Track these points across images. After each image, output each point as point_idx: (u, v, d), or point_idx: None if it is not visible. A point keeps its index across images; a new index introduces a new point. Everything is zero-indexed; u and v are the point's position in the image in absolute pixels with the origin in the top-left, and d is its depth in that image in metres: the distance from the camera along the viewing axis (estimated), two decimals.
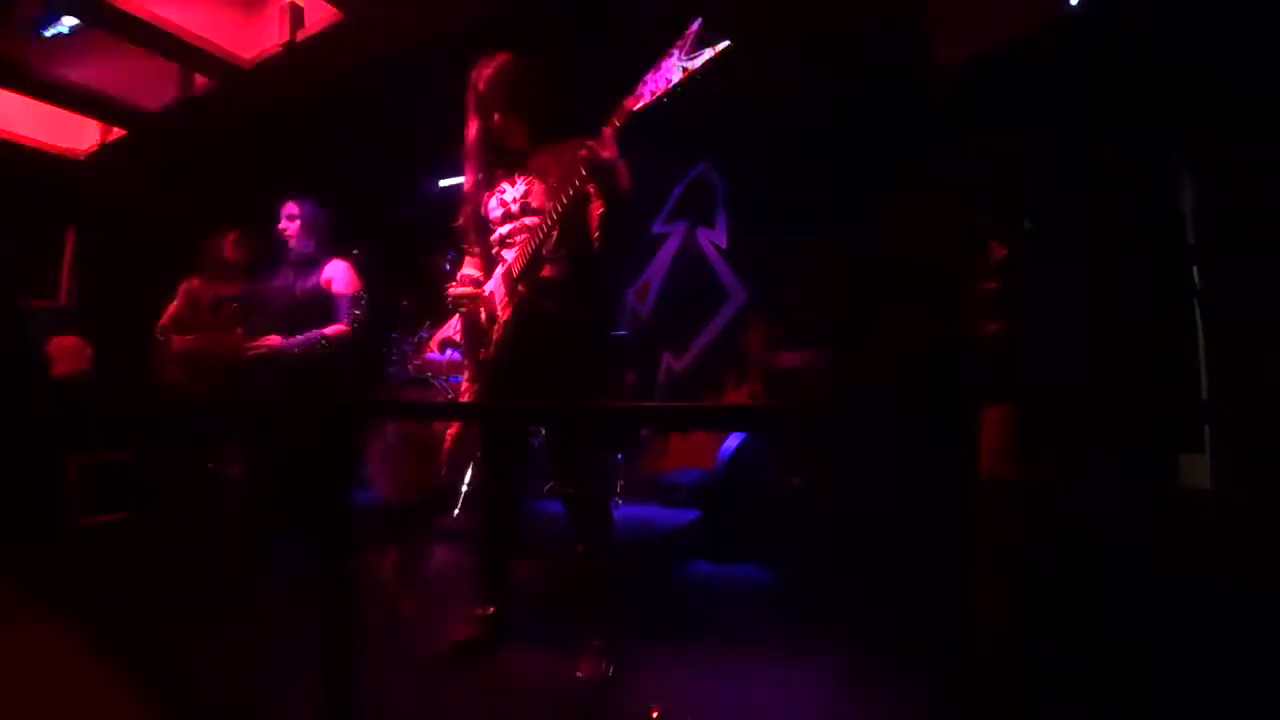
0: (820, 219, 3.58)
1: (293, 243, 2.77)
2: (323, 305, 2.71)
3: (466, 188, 2.01)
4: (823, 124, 3.46)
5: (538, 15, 2.95)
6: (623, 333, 4.09)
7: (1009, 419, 1.72)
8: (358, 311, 2.77)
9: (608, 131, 1.63)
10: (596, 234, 1.78)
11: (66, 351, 4.13)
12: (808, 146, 3.59)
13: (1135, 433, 1.69)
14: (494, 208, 1.94)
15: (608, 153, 1.63)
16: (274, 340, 2.64)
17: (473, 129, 1.94)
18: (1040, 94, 2.07)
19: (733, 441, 3.12)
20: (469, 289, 1.92)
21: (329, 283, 2.73)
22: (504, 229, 1.91)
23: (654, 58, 1.56)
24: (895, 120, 3.01)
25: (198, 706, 1.72)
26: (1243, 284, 1.75)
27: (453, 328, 2.09)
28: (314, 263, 2.75)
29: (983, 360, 1.89)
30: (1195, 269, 1.81)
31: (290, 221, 2.77)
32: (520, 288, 1.83)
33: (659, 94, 1.56)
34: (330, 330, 2.68)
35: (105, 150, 4.56)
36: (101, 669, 1.95)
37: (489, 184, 1.96)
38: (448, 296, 1.97)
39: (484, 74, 1.89)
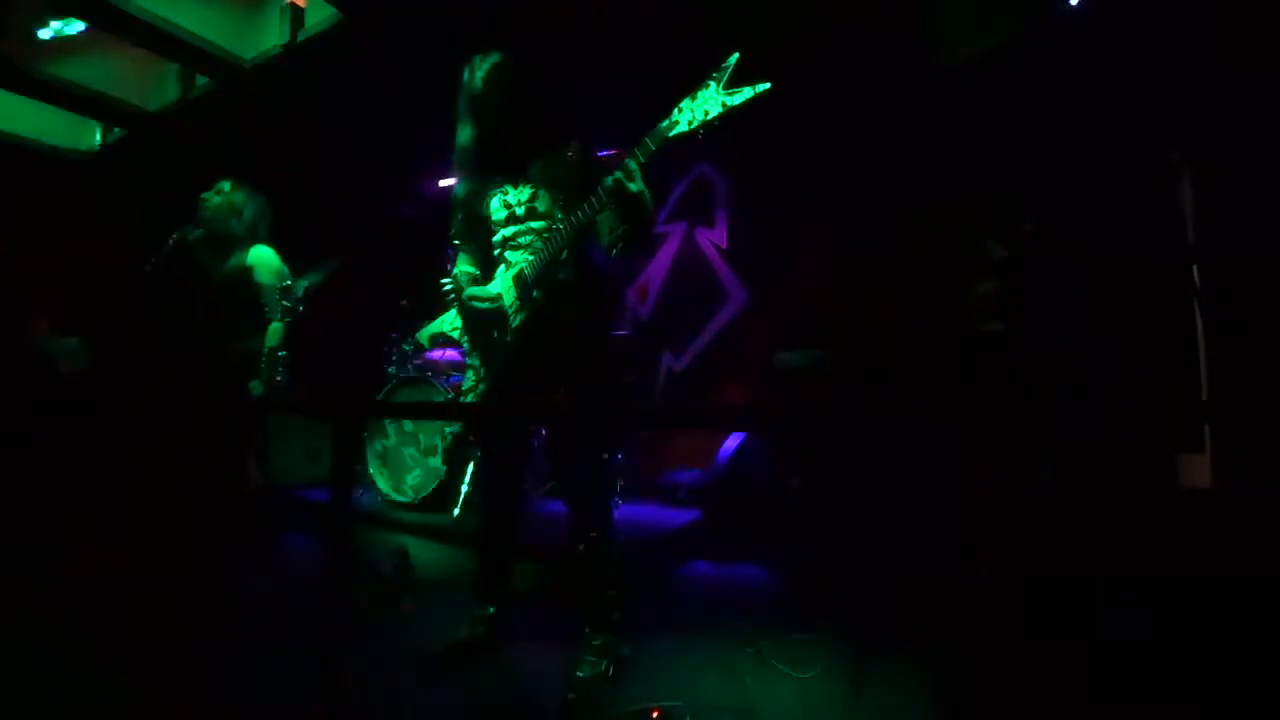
0: (820, 219, 3.58)
1: (213, 219, 2.52)
2: (243, 292, 2.46)
3: (458, 192, 2.00)
4: (823, 124, 3.46)
5: (537, 15, 2.94)
6: (623, 333, 4.08)
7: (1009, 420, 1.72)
8: (287, 303, 2.51)
9: (634, 165, 1.63)
10: (613, 245, 1.80)
11: (66, 351, 4.14)
12: (808, 147, 3.59)
13: (1135, 433, 1.69)
14: (496, 208, 1.93)
15: (636, 185, 1.64)
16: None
17: (466, 132, 1.93)
18: (1040, 94, 2.07)
19: (733, 441, 3.12)
20: (488, 296, 1.90)
21: (250, 270, 2.49)
22: (506, 231, 1.91)
23: (690, 86, 1.58)
24: (896, 120, 3.01)
25: (197, 706, 1.72)
26: (1243, 284, 1.75)
27: (448, 324, 2.08)
28: (233, 247, 2.52)
29: (983, 360, 1.89)
30: (1195, 269, 1.81)
31: (217, 195, 2.54)
32: (535, 293, 1.83)
33: (696, 125, 1.57)
34: (274, 339, 2.46)
35: (105, 150, 4.56)
36: (101, 669, 1.95)
37: (482, 191, 1.95)
38: (455, 292, 1.96)
39: (479, 73, 1.88)
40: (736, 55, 1.55)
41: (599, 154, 1.89)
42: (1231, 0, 1.78)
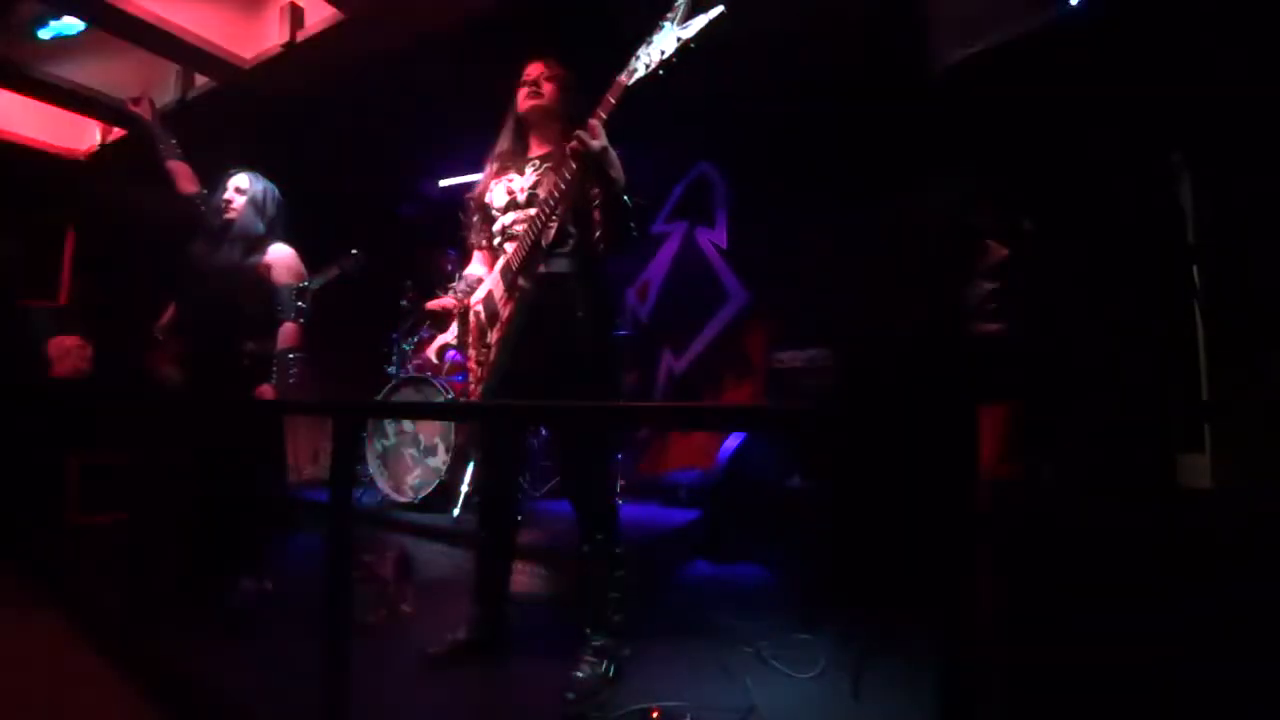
0: (820, 219, 3.58)
1: (237, 220, 2.47)
2: (260, 292, 2.43)
3: (474, 193, 2.01)
4: (822, 124, 3.46)
5: (537, 13, 2.94)
6: (623, 333, 4.09)
7: (1009, 419, 1.72)
8: (301, 304, 2.48)
9: (594, 122, 1.62)
10: (597, 230, 1.77)
11: (66, 351, 4.13)
12: (808, 146, 3.59)
13: (1135, 432, 1.68)
14: (499, 195, 1.92)
15: (596, 142, 1.61)
16: (268, 391, 2.40)
17: (509, 130, 1.95)
18: (1040, 94, 2.07)
19: (733, 441, 3.12)
20: (444, 304, 1.94)
21: (268, 268, 2.45)
22: (506, 219, 1.89)
23: (645, 34, 1.56)
24: (895, 120, 3.01)
25: (197, 706, 1.72)
26: (1243, 284, 1.74)
27: (452, 334, 2.07)
28: (258, 246, 2.47)
29: (983, 360, 1.89)
30: (1195, 269, 1.81)
31: (238, 194, 2.50)
32: (520, 282, 1.81)
33: (654, 67, 1.55)
34: (286, 341, 2.43)
35: (105, 150, 4.56)
36: (100, 669, 1.95)
37: (499, 171, 1.95)
38: (426, 310, 1.99)
39: (545, 90, 1.88)
40: None
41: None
42: (1231, 0, 1.78)
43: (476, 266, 2.06)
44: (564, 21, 2.87)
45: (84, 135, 4.60)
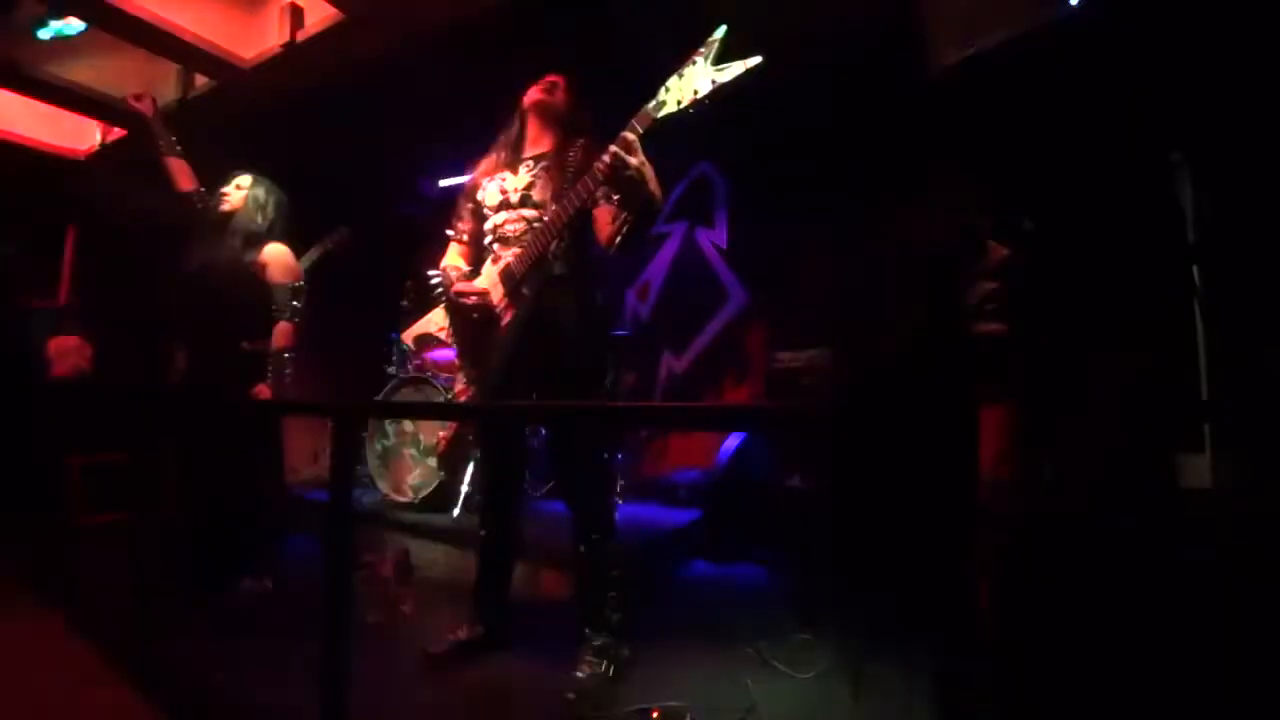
0: (820, 219, 3.58)
1: (237, 213, 2.48)
2: (256, 291, 2.43)
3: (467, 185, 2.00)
4: (823, 124, 3.46)
5: (537, 14, 2.94)
6: (623, 333, 4.08)
7: (1009, 419, 1.72)
8: (297, 303, 2.48)
9: (631, 136, 1.56)
10: (613, 237, 1.73)
11: (66, 351, 4.14)
12: (808, 147, 3.59)
13: (1135, 433, 1.68)
14: (491, 193, 1.91)
15: (635, 159, 1.55)
16: (264, 390, 2.41)
17: (512, 131, 1.95)
18: (1040, 94, 2.07)
19: (733, 441, 3.12)
20: (476, 290, 1.86)
21: (263, 267, 2.45)
22: (498, 218, 1.88)
23: (674, 62, 1.54)
24: (895, 120, 3.01)
25: (197, 706, 1.72)
26: (1243, 284, 1.74)
27: (434, 324, 2.05)
28: (256, 242, 2.48)
29: (982, 360, 1.89)
30: (1195, 269, 1.81)
31: (238, 190, 2.51)
32: (524, 290, 1.80)
33: (685, 104, 1.52)
34: (281, 340, 2.43)
35: (105, 150, 4.56)
36: (100, 669, 1.95)
37: (494, 168, 1.95)
38: (444, 287, 1.94)
39: (557, 95, 1.89)
40: (724, 29, 1.49)
41: None
42: (1231, 1, 1.78)
43: (454, 259, 2.01)
44: (580, 39, 2.87)
45: (84, 135, 4.60)
